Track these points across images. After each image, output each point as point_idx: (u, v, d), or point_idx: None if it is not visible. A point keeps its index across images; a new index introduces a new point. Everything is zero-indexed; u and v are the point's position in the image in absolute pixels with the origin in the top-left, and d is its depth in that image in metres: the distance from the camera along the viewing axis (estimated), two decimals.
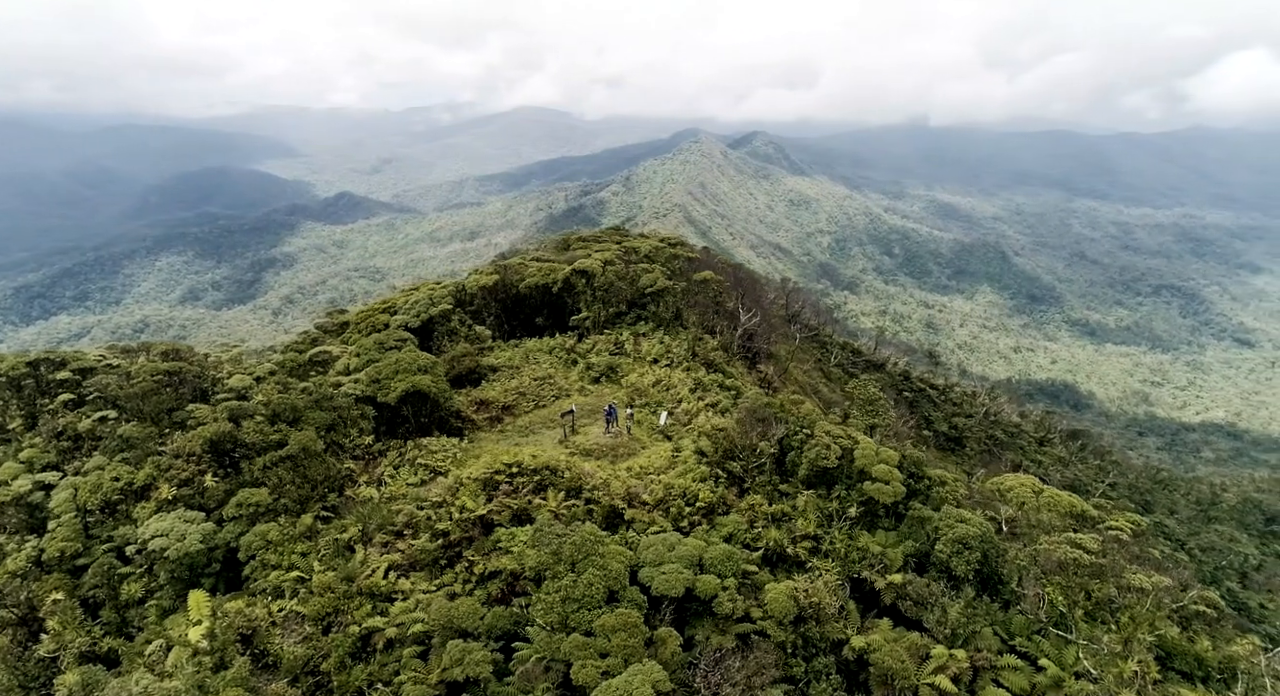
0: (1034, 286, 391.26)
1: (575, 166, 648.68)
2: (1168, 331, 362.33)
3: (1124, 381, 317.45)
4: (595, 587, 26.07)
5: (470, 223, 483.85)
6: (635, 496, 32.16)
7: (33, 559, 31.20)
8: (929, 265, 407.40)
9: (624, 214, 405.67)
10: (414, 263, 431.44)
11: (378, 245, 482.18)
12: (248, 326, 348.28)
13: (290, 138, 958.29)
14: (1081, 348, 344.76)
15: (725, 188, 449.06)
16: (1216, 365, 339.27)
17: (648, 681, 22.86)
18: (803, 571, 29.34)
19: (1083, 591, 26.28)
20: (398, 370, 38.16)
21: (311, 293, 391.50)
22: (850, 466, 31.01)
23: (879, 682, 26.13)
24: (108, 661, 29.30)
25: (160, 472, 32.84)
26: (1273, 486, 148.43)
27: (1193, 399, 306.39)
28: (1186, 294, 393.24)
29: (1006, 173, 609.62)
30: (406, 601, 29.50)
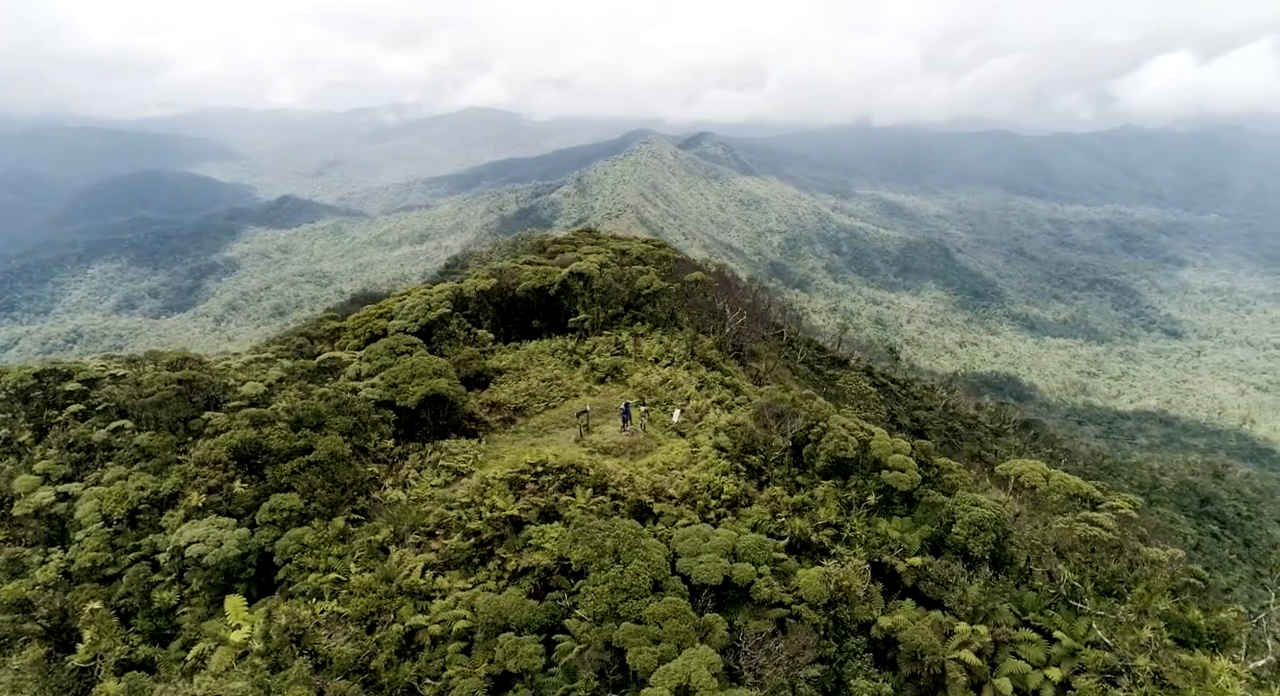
0: (977, 282, 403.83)
1: (525, 168, 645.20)
2: (1102, 324, 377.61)
3: (1063, 373, 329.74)
4: (641, 578, 27.25)
5: (419, 225, 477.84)
6: (661, 491, 33.41)
7: (61, 570, 30.93)
8: (876, 263, 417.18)
9: (576, 215, 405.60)
10: (362, 267, 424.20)
11: (324, 249, 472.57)
12: (189, 334, 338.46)
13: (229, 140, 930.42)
14: (1023, 341, 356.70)
15: (676, 188, 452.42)
16: (1147, 355, 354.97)
17: (703, 664, 24.15)
18: (827, 558, 30.96)
19: (1094, 566, 28.39)
20: (414, 374, 38.69)
21: (256, 298, 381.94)
22: (865, 457, 32.78)
23: (907, 659, 27.86)
24: (143, 669, 29.31)
25: (187, 480, 32.89)
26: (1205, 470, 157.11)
27: (1126, 388, 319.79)
28: (1118, 288, 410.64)
29: (948, 172, 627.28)
30: (446, 599, 30.25)
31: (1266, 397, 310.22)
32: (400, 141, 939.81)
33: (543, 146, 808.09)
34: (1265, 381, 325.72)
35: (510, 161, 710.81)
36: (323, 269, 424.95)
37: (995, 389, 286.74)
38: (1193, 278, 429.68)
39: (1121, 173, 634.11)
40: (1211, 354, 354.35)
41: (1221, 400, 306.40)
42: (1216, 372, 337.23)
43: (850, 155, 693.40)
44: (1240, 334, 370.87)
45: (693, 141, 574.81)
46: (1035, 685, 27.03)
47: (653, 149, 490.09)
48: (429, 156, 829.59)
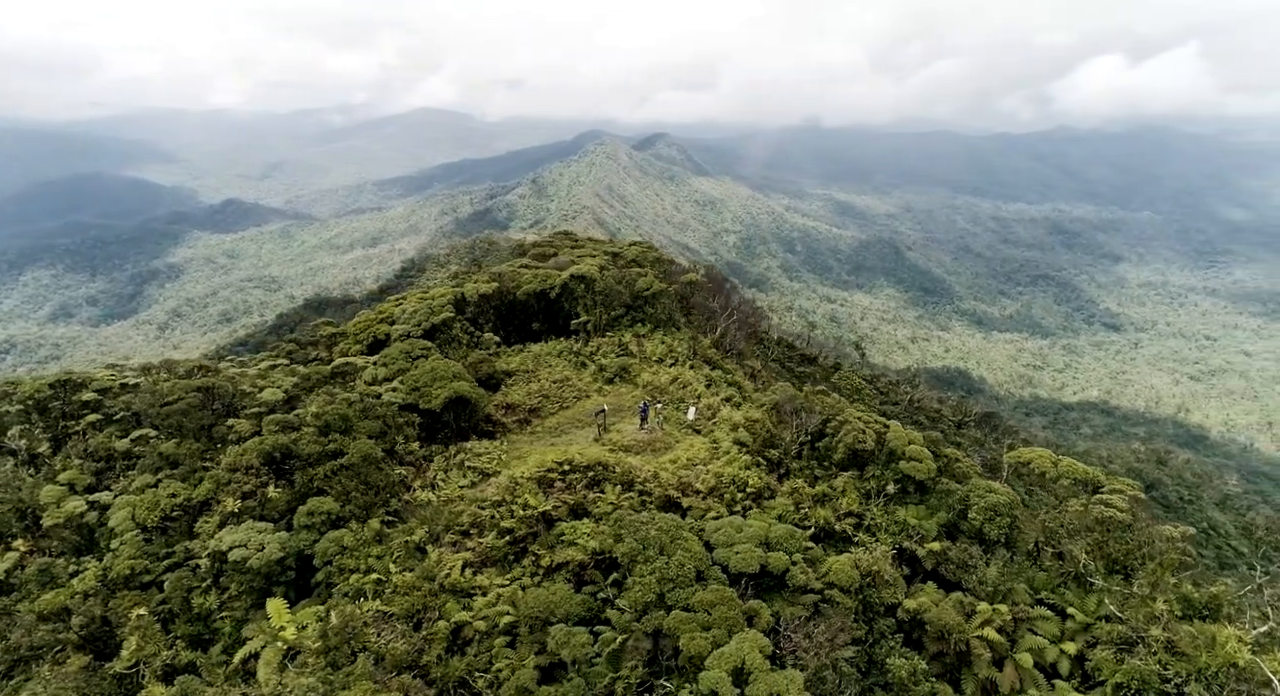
0: (926, 280, 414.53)
1: (478, 169, 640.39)
2: (1046, 318, 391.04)
3: (1010, 366, 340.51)
4: (686, 568, 28.51)
5: (371, 228, 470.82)
6: (688, 486, 34.73)
7: (99, 577, 30.89)
8: (830, 262, 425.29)
9: (532, 217, 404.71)
10: (313, 271, 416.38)
11: (272, 253, 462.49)
12: (131, 343, 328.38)
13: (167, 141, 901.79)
14: (971, 336, 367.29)
15: (632, 189, 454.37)
16: (1088, 348, 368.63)
17: (754, 647, 25.53)
18: (850, 545, 32.65)
19: (1109, 545, 30.57)
20: (434, 377, 39.27)
21: (201, 305, 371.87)
22: (880, 448, 34.58)
23: (934, 639, 29.68)
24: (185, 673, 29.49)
25: (220, 486, 33.05)
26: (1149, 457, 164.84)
27: (1070, 380, 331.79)
28: (1060, 283, 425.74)
29: (896, 172, 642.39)
30: (487, 596, 31.10)
31: (1199, 387, 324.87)
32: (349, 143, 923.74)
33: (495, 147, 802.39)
34: (1197, 371, 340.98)
35: (463, 163, 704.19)
36: (272, 273, 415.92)
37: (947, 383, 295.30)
38: (1129, 272, 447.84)
39: (1060, 172, 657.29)
40: (1147, 346, 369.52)
41: (1158, 390, 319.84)
42: (1152, 363, 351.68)
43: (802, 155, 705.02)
44: (1174, 326, 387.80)
45: (647, 142, 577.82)
46: (1053, 658, 29.12)
47: (608, 150, 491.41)
48: (379, 158, 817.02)
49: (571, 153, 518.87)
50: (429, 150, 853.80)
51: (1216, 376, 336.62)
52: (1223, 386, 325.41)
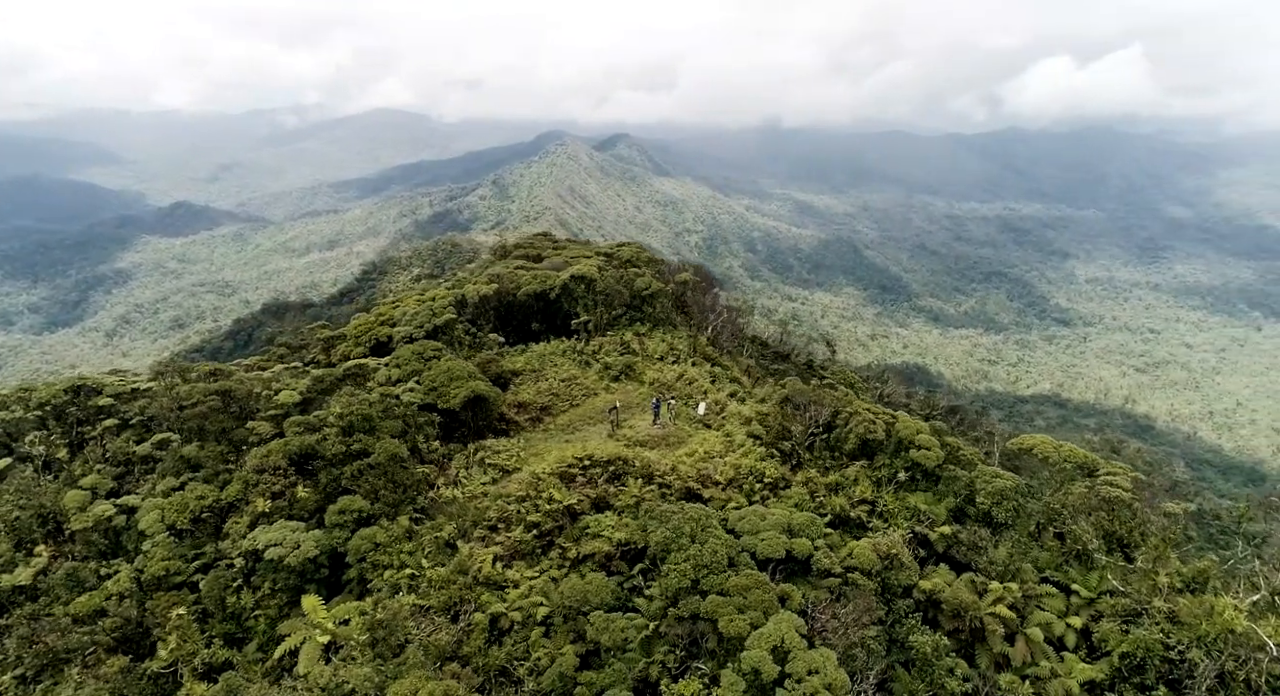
0: (884, 278, 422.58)
1: (437, 170, 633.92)
2: (999, 314, 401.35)
3: (966, 361, 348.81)
4: (719, 554, 29.74)
5: (328, 231, 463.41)
6: (707, 477, 36.01)
7: (133, 579, 31.03)
8: (790, 261, 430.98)
9: (494, 218, 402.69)
10: (268, 275, 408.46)
11: (225, 257, 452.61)
12: (77, 351, 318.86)
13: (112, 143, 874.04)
14: (929, 332, 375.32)
15: (594, 190, 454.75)
16: (1040, 342, 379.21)
17: (791, 627, 26.88)
18: (864, 531, 34.22)
19: (1115, 523, 32.57)
20: (451, 377, 39.88)
21: (151, 310, 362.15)
22: (889, 438, 36.25)
23: (949, 617, 31.38)
24: (221, 671, 29.89)
25: (249, 488, 33.35)
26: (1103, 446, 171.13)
27: (1023, 374, 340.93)
28: (1012, 280, 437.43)
29: (854, 171, 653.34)
30: (520, 588, 31.99)
31: (1144, 378, 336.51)
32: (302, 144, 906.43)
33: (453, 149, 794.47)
34: (1142, 363, 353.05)
35: (421, 164, 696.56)
36: (225, 278, 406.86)
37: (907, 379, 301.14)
38: (1077, 269, 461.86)
39: (1010, 171, 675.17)
40: (1095, 339, 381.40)
41: (1106, 382, 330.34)
42: (1101, 357, 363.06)
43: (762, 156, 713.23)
44: (1120, 320, 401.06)
45: (608, 143, 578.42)
46: (1060, 633, 31.04)
47: (568, 151, 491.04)
48: (334, 159, 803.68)
49: (531, 153, 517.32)
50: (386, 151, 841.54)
51: (1160, 368, 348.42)
52: (1166, 378, 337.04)
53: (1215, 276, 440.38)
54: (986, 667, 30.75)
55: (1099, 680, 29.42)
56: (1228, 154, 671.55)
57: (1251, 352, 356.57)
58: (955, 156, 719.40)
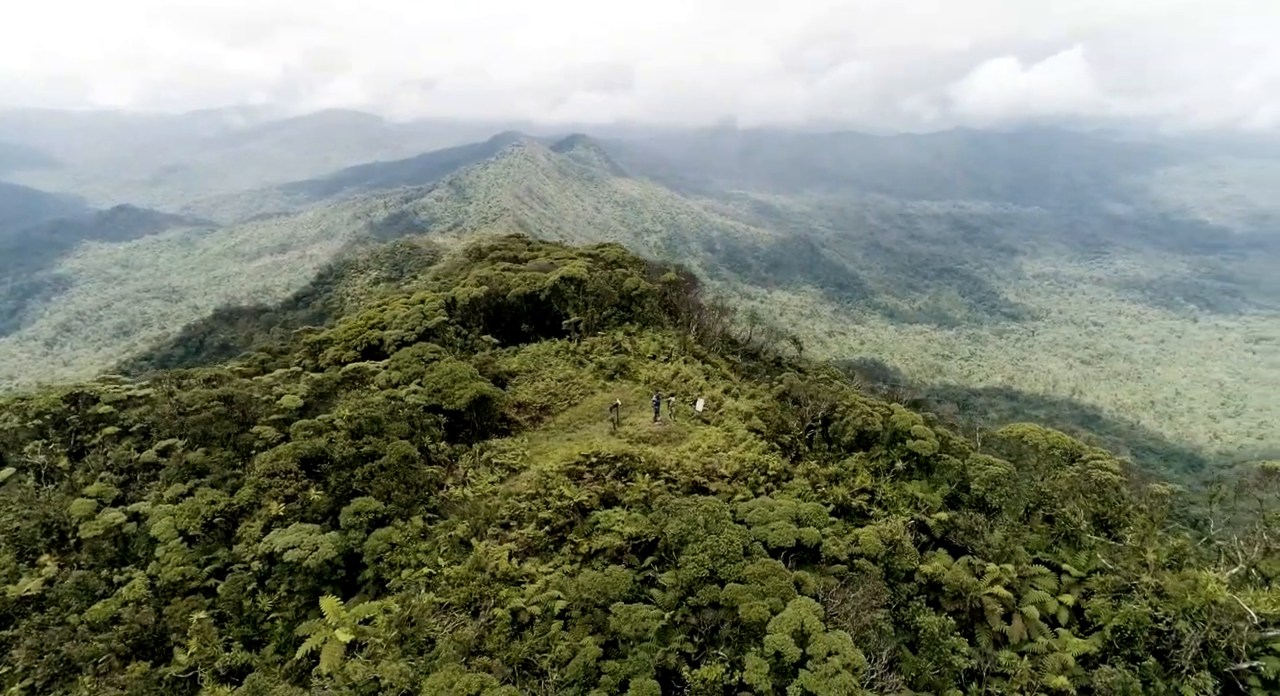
0: (840, 276, 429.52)
1: (391, 172, 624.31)
2: (952, 310, 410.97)
3: (921, 356, 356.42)
4: (735, 544, 30.80)
5: (280, 234, 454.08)
6: (713, 471, 37.05)
7: (148, 585, 30.87)
8: (749, 260, 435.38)
9: (452, 219, 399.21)
10: (217, 280, 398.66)
11: (171, 262, 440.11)
12: (15, 361, 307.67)
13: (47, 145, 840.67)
14: (884, 329, 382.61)
15: (552, 191, 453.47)
16: (991, 337, 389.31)
17: (810, 611, 28.06)
18: (865, 519, 35.63)
19: (1104, 505, 34.47)
20: (455, 379, 40.23)
21: (94, 318, 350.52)
22: (885, 430, 37.73)
23: (950, 598, 32.94)
24: (240, 674, 29.97)
25: (261, 492, 33.35)
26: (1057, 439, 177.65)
27: (975, 367, 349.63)
28: (963, 276, 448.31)
29: (809, 171, 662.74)
30: (536, 583, 32.66)
31: (1089, 370, 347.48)
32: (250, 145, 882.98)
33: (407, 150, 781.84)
34: (1087, 355, 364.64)
35: (374, 166, 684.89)
36: (172, 283, 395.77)
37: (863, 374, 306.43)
38: (1024, 264, 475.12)
39: (959, 170, 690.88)
40: (1043, 333, 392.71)
41: (1054, 374, 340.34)
42: (1048, 349, 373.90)
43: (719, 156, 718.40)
44: (1065, 314, 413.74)
45: (565, 144, 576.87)
46: (1053, 610, 32.84)
47: (525, 152, 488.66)
48: (284, 161, 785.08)
49: (487, 154, 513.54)
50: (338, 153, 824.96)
51: (1104, 360, 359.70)
52: (1110, 369, 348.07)
53: (1153, 271, 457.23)
54: (986, 645, 32.37)
55: (1092, 653, 31.24)
56: (1164, 153, 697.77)
57: (1188, 344, 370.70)
58: (907, 156, 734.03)
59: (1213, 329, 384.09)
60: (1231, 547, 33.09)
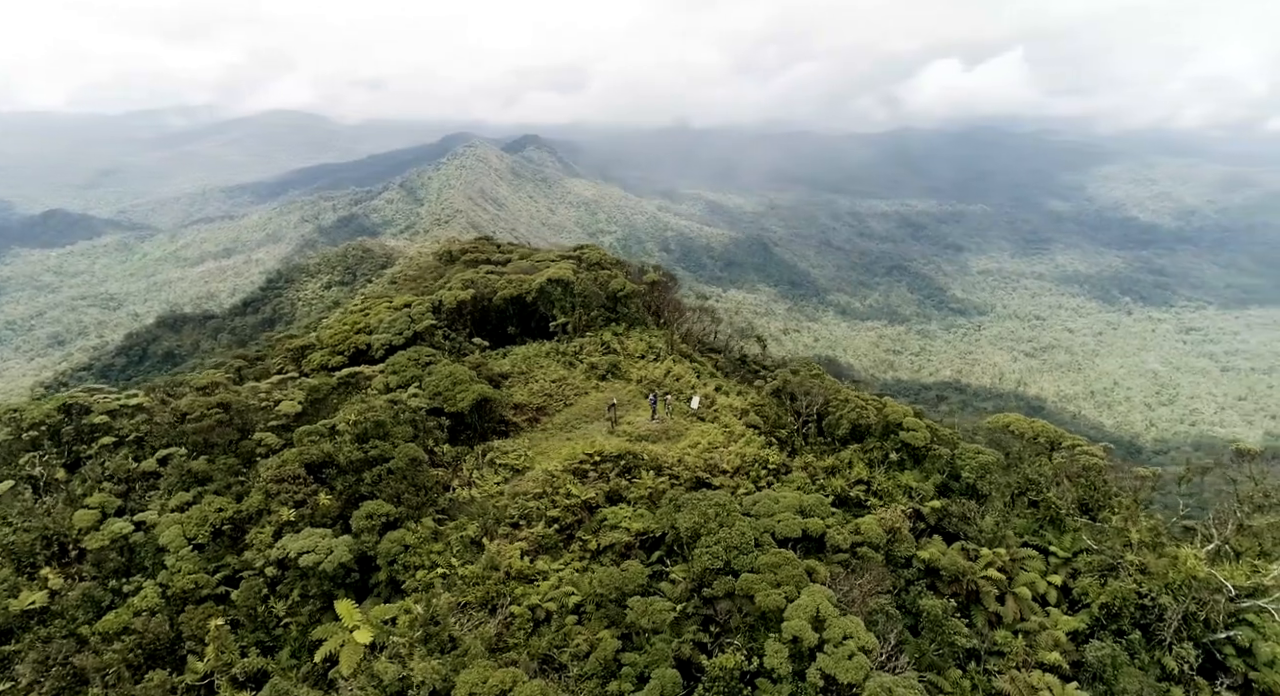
0: (793, 274, 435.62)
1: (339, 174, 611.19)
2: (902, 306, 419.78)
3: (873, 352, 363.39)
4: (747, 536, 31.80)
5: (223, 238, 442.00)
6: (715, 466, 38.03)
7: (160, 594, 30.55)
8: (704, 260, 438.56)
9: (404, 222, 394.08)
10: (158, 286, 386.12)
11: (108, 269, 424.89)
12: None
13: None
14: (838, 325, 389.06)
15: (505, 192, 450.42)
16: (940, 332, 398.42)
17: (824, 598, 29.23)
18: (862, 508, 37.00)
19: (1091, 489, 36.37)
20: (455, 382, 40.44)
21: (25, 327, 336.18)
22: (878, 423, 39.19)
23: (948, 582, 34.50)
24: (257, 679, 29.94)
25: (269, 498, 33.20)
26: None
27: (925, 362, 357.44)
28: (912, 273, 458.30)
29: (761, 171, 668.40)
30: (549, 580, 33.27)
31: (1033, 362, 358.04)
32: (191, 147, 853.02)
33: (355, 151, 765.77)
34: (1031, 348, 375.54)
35: (322, 167, 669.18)
36: (109, 290, 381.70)
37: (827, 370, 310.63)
38: (970, 261, 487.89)
39: (906, 169, 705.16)
40: (989, 327, 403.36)
41: (1000, 367, 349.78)
42: (994, 343, 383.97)
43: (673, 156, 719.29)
44: (1009, 308, 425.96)
45: (517, 145, 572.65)
46: (1042, 590, 34.62)
47: (478, 153, 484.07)
48: (227, 163, 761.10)
49: (438, 156, 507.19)
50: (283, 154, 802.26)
51: (1047, 352, 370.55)
52: (1053, 361, 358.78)
53: (1091, 265, 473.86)
54: (982, 625, 34.00)
55: (1081, 629, 33.07)
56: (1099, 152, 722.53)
57: (1124, 335, 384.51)
58: (856, 155, 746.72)
59: (1146, 321, 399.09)
60: (1205, 525, 35.29)
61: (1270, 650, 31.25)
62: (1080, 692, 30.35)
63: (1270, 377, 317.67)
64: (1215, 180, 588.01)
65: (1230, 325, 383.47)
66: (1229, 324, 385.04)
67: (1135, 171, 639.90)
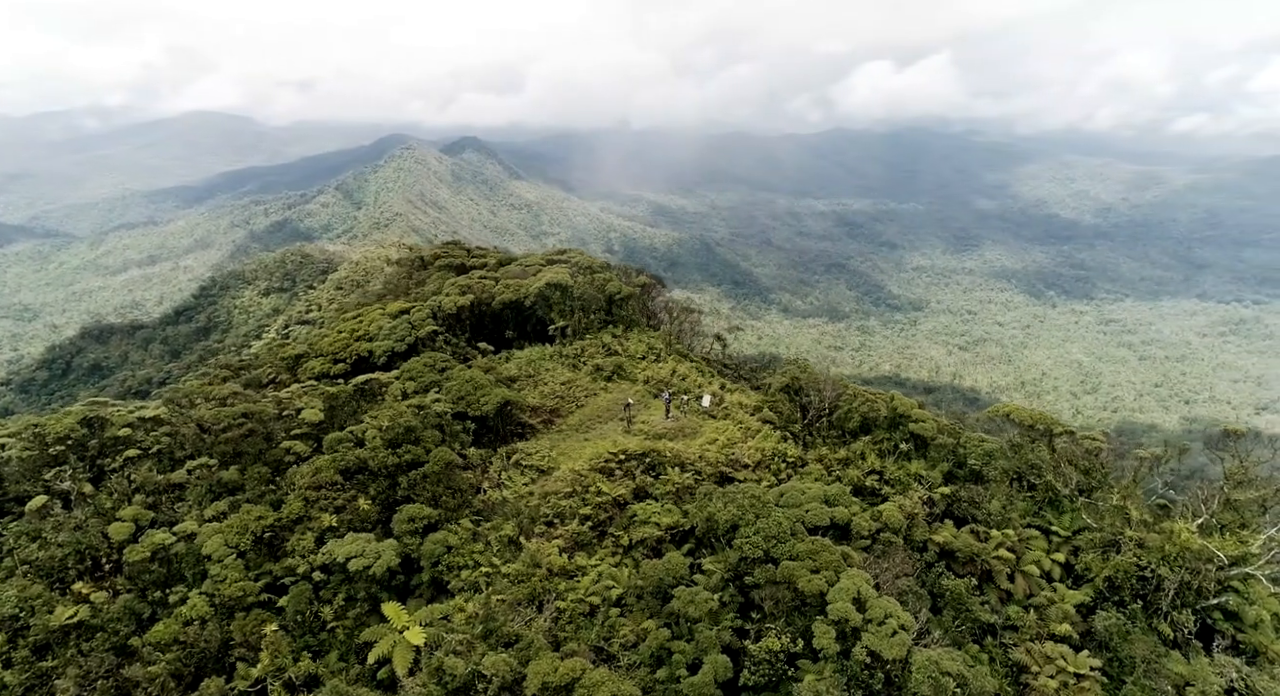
0: (736, 273, 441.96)
1: (269, 177, 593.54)
2: (841, 303, 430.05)
3: (815, 349, 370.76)
4: (783, 526, 33.33)
5: (148, 245, 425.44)
6: (736, 462, 39.53)
7: (209, 603, 30.43)
8: (647, 260, 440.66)
9: (340, 226, 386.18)
10: (77, 296, 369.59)
11: (22, 278, 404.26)
12: None
13: None
14: (780, 323, 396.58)
15: (445, 194, 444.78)
16: (878, 328, 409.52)
17: (863, 581, 31.01)
18: (877, 497, 39.00)
19: (1090, 474, 39.08)
20: (476, 386, 40.88)
21: None
22: (885, 416, 41.30)
23: (962, 562, 36.73)
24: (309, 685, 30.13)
25: (310, 504, 33.31)
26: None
27: (865, 358, 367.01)
28: (850, 270, 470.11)
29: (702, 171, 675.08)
30: (589, 575, 34.24)
31: (967, 355, 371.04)
32: (106, 150, 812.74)
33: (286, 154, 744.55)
34: (964, 342, 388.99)
35: (250, 170, 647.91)
36: (23, 301, 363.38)
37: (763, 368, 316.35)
38: (904, 258, 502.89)
39: (840, 168, 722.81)
40: (924, 322, 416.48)
41: (937, 360, 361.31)
42: (930, 338, 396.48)
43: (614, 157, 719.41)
44: (943, 304, 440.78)
45: (456, 146, 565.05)
46: (1048, 567, 37.19)
47: (415, 155, 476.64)
48: (146, 166, 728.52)
49: (374, 158, 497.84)
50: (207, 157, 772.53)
51: (979, 345, 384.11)
52: (984, 354, 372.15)
53: (1017, 261, 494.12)
54: (995, 602, 36.34)
55: (1085, 602, 35.73)
56: (1021, 151, 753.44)
57: (1049, 328, 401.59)
58: (792, 156, 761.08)
59: (1069, 313, 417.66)
60: (1195, 501, 38.40)
61: (1256, 613, 34.43)
62: (1091, 659, 32.88)
63: (1183, 365, 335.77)
64: (1128, 178, 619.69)
65: (1145, 316, 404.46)
66: (1144, 315, 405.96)
67: (1055, 170, 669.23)
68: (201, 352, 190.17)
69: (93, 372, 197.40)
